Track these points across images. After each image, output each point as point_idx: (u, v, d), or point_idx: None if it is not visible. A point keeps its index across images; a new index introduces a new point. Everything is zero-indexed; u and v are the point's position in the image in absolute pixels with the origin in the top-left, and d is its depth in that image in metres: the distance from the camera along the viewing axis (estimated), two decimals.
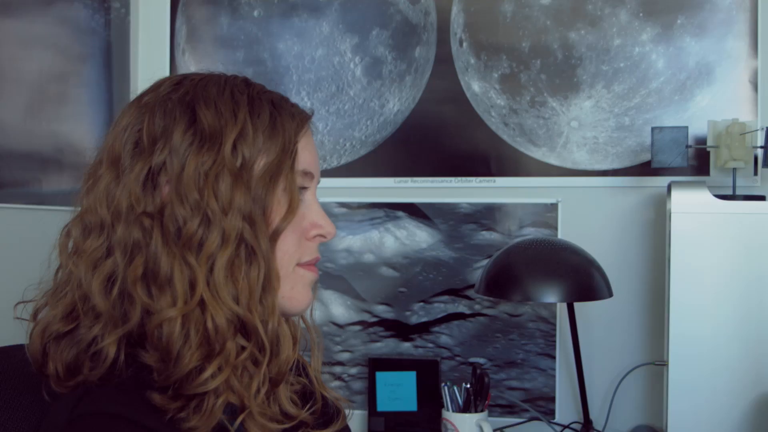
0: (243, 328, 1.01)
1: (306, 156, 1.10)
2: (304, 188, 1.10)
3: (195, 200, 0.98)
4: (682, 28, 2.22)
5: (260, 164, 1.03)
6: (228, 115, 1.03)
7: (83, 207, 1.04)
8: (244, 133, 1.02)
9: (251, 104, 1.05)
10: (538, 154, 2.31)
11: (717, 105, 2.20)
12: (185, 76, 1.10)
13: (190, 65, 2.52)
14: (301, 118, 1.11)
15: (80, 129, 2.47)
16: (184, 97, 1.04)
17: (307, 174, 1.10)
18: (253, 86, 1.10)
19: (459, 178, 2.35)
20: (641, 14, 2.24)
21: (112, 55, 2.49)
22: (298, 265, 1.10)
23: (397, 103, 2.39)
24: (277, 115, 1.07)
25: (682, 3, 2.22)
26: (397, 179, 2.39)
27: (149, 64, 2.55)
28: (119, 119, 1.07)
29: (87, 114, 2.47)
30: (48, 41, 2.47)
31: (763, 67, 2.17)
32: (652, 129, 2.05)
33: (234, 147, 1.01)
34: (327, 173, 2.42)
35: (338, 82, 2.42)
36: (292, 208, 1.04)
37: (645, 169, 2.23)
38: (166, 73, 2.51)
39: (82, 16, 2.46)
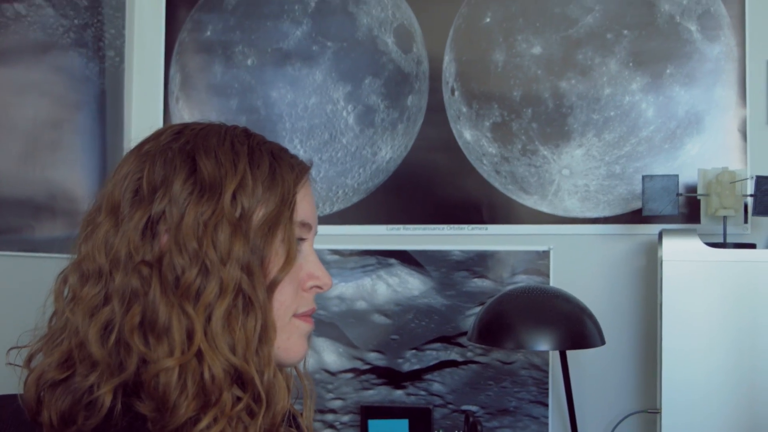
0: (239, 378, 1.00)
1: (304, 207, 1.10)
2: (301, 239, 1.11)
3: (194, 249, 0.98)
4: (671, 78, 2.25)
5: (259, 215, 1.03)
6: (228, 166, 1.03)
7: (81, 254, 1.04)
8: (244, 183, 1.03)
9: (251, 155, 1.06)
10: (530, 201, 2.32)
11: (707, 153, 2.22)
12: (186, 126, 1.10)
13: (183, 113, 2.54)
14: (301, 170, 1.11)
15: (73, 176, 2.48)
16: (185, 146, 1.05)
17: (305, 225, 1.11)
18: (253, 137, 1.10)
19: (451, 226, 2.36)
20: (631, 64, 2.26)
21: (106, 102, 2.51)
22: (295, 315, 1.10)
23: (389, 151, 2.41)
24: (276, 166, 1.07)
25: (671, 53, 2.25)
26: (390, 227, 2.40)
27: (143, 111, 2.56)
28: (119, 167, 1.07)
29: (80, 161, 2.48)
30: (43, 89, 2.48)
31: (752, 116, 2.20)
32: (643, 177, 2.06)
33: (233, 197, 1.02)
34: (319, 220, 2.42)
35: (331, 130, 2.44)
36: (289, 259, 1.05)
37: (636, 216, 2.24)
38: (160, 120, 2.53)
39: (77, 64, 2.48)
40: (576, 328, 1.94)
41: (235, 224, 1.01)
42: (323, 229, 2.41)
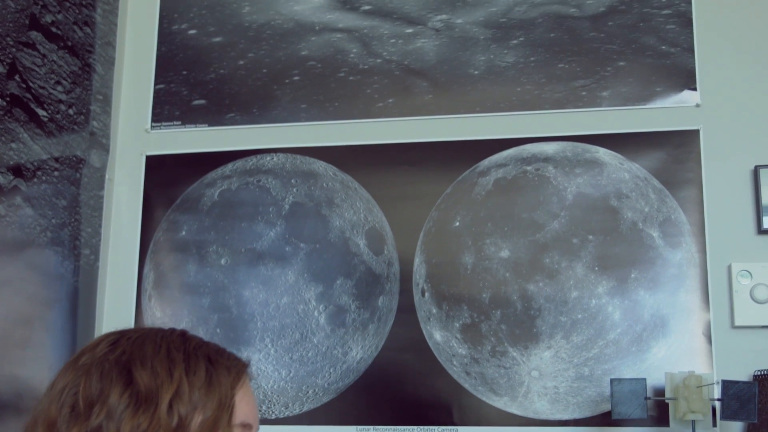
0: None
1: (243, 408, 1.10)
2: None
3: None
4: (636, 282, 2.30)
5: (197, 421, 1.03)
6: (164, 375, 1.04)
7: None
8: (180, 392, 1.03)
9: (187, 361, 1.07)
10: (500, 403, 2.32)
11: (673, 356, 2.24)
12: (122, 334, 1.12)
13: (156, 311, 2.55)
14: (237, 371, 1.12)
15: (41, 374, 2.45)
16: (121, 357, 1.06)
17: (246, 425, 1.11)
18: (189, 341, 1.12)
19: (421, 427, 2.34)
20: (597, 268, 2.32)
21: (79, 300, 2.52)
22: None
23: (360, 351, 2.42)
24: (213, 370, 1.08)
25: (635, 258, 2.31)
26: (360, 427, 2.38)
27: (115, 309, 2.57)
28: (56, 381, 1.07)
29: (49, 359, 2.46)
30: (16, 286, 2.49)
31: (716, 321, 2.24)
32: (612, 381, 2.08)
33: (170, 406, 1.02)
34: (289, 420, 2.41)
35: (302, 330, 2.45)
36: None
37: (606, 419, 2.24)
38: (132, 318, 2.53)
39: (52, 262, 2.50)
40: None
41: None
42: (292, 429, 2.39)
